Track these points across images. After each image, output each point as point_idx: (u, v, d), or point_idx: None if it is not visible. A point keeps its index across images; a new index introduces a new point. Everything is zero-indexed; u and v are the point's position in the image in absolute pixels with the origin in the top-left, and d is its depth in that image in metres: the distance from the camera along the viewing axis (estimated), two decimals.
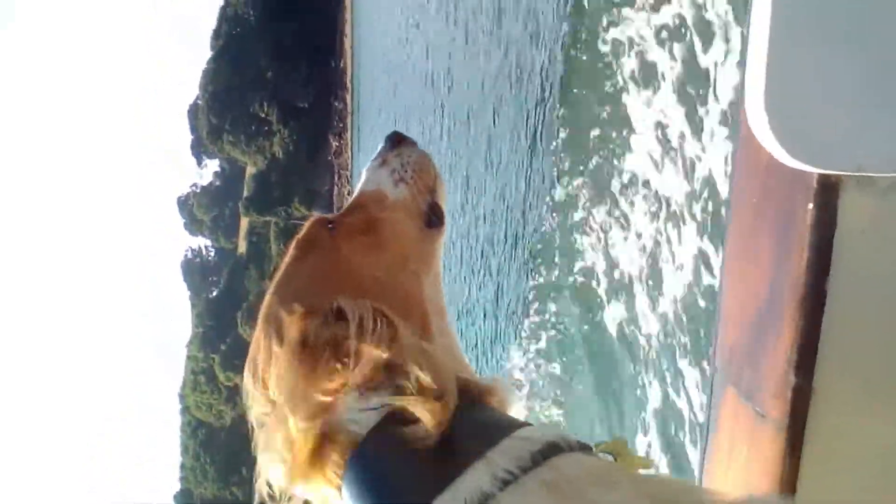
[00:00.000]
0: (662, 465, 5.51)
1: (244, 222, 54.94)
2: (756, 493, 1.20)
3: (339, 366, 0.96)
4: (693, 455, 5.23)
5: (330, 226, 1.20)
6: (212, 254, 65.66)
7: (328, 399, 0.97)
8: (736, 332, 1.33)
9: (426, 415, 0.91)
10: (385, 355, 0.95)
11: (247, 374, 1.08)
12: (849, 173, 1.10)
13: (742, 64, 1.15)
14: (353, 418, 0.96)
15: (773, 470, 1.17)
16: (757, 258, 1.27)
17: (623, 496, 0.85)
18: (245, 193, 52.11)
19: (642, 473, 0.96)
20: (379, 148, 1.35)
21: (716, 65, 5.49)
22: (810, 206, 1.13)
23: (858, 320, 1.15)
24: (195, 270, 65.43)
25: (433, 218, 1.27)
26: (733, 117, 4.98)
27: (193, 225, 63.55)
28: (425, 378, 0.93)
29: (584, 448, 0.95)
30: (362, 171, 1.34)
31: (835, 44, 1.04)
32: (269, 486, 1.04)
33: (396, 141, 1.34)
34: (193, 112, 58.69)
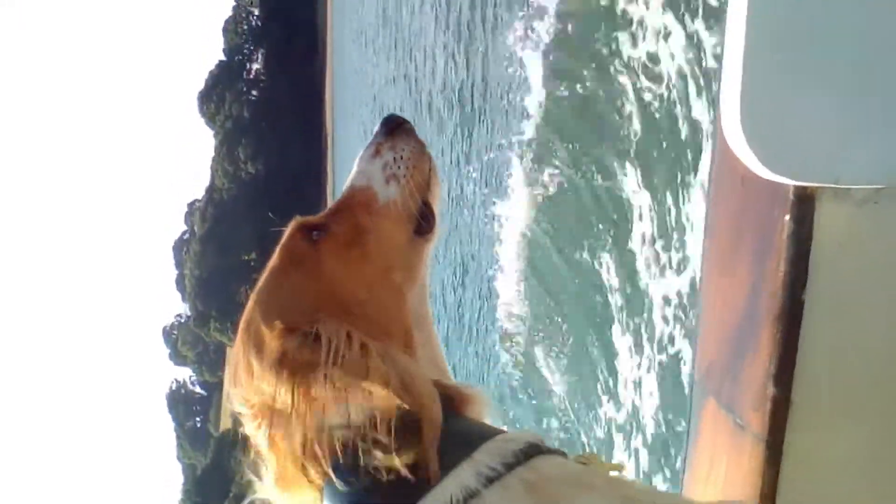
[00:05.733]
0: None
1: (227, 406, 54.35)
2: (733, 501, 1.21)
3: (313, 388, 0.97)
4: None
5: (315, 232, 1.16)
6: (196, 384, 66.39)
7: (307, 410, 0.98)
8: (716, 345, 1.34)
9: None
10: (360, 382, 0.96)
11: (227, 379, 1.10)
12: (825, 185, 1.10)
13: (718, 73, 1.15)
14: (336, 423, 0.97)
15: (752, 480, 1.18)
16: (735, 271, 1.28)
17: (600, 499, 0.87)
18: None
19: (616, 476, 0.99)
20: (374, 132, 1.27)
21: None
22: (787, 218, 1.14)
23: (836, 332, 1.16)
24: (179, 401, 66.16)
25: (423, 224, 1.21)
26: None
27: (178, 357, 63.22)
28: (401, 401, 0.95)
29: (561, 454, 0.98)
30: (355, 160, 1.27)
31: (811, 57, 1.05)
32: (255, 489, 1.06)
33: (392, 127, 1.26)
34: (178, 247, 59.62)
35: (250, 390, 1.04)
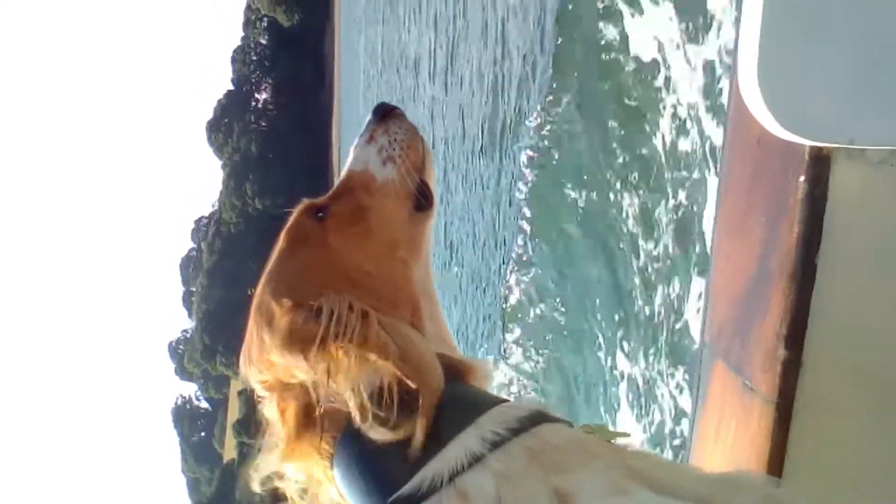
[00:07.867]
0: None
1: (231, 440, 54.55)
2: (738, 468, 1.20)
3: (322, 357, 1.00)
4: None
5: (319, 213, 1.20)
6: (201, 400, 67.84)
7: (317, 382, 1.01)
8: (725, 308, 1.34)
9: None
10: (362, 352, 0.99)
11: (242, 361, 1.14)
12: (840, 146, 1.11)
13: (735, 34, 1.17)
14: (344, 394, 0.99)
15: (760, 443, 1.17)
16: (747, 234, 1.28)
17: (603, 467, 0.86)
18: (237, 415, 51.52)
19: (622, 444, 0.99)
20: (366, 121, 1.31)
21: None
22: (802, 178, 1.14)
23: (848, 294, 1.16)
24: (185, 416, 67.54)
25: (422, 200, 1.25)
26: None
27: (183, 373, 63.98)
28: (400, 371, 0.97)
29: (567, 423, 1.00)
30: (350, 148, 1.31)
31: (828, 16, 1.06)
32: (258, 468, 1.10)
33: (384, 114, 1.30)
34: (185, 264, 60.76)
35: (263, 366, 1.08)
